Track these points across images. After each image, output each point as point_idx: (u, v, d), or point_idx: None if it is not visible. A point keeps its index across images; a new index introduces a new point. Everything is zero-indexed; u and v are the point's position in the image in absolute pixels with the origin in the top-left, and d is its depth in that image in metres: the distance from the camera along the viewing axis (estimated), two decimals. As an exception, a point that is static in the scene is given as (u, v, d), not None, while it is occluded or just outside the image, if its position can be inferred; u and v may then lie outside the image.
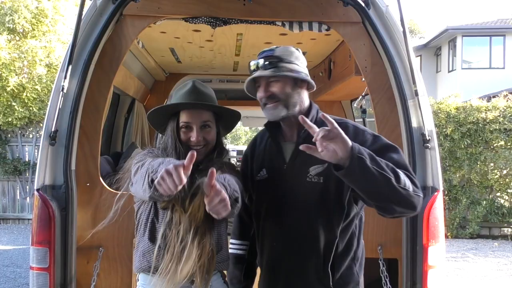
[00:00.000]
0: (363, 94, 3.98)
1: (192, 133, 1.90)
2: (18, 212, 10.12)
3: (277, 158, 1.93)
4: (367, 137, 1.80)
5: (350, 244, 1.85)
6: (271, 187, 1.92)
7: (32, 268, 2.36)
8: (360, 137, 1.79)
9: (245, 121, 8.93)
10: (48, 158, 2.41)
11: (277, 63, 1.85)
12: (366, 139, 1.78)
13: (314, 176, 1.81)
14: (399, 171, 1.62)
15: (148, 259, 1.82)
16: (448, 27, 20.44)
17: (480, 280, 6.13)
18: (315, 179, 1.81)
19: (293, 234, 1.86)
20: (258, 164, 2.00)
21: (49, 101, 2.45)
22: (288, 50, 1.91)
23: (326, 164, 1.76)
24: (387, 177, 1.55)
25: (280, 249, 1.89)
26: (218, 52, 4.16)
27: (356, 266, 1.88)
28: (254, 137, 2.16)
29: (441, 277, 2.43)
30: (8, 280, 5.99)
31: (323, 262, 1.82)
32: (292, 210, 1.86)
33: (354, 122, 1.91)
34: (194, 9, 2.64)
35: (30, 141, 10.07)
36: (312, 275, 1.83)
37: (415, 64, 2.52)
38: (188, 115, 1.92)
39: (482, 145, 8.46)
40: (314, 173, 1.81)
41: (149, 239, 1.83)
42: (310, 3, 2.67)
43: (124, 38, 2.60)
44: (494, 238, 8.77)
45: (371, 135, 1.82)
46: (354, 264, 1.87)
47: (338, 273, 1.82)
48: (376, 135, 1.84)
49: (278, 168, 1.91)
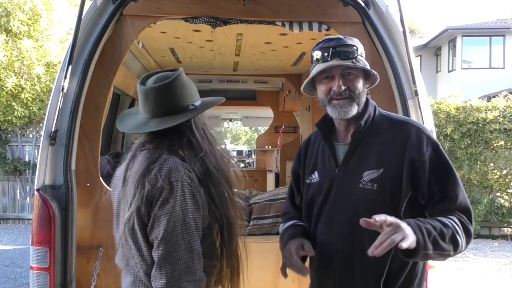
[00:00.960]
0: (363, 94, 3.97)
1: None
2: (18, 212, 10.12)
3: (330, 160, 1.77)
4: (429, 150, 1.64)
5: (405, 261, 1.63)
6: (322, 191, 1.76)
7: (32, 268, 2.36)
8: (423, 147, 1.64)
9: (245, 121, 8.95)
10: (48, 158, 2.41)
11: (354, 52, 1.68)
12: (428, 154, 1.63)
13: (368, 182, 1.65)
14: (459, 230, 1.53)
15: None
16: (448, 27, 20.44)
17: (480, 280, 6.13)
18: (369, 185, 1.65)
19: (342, 244, 1.71)
20: (311, 166, 1.86)
21: (49, 101, 2.45)
22: (358, 41, 1.74)
23: (381, 170, 1.64)
24: (447, 254, 1.52)
25: (329, 260, 1.74)
26: (218, 52, 4.16)
27: (413, 285, 1.69)
28: (309, 136, 1.99)
29: (441, 277, 2.42)
30: (8, 280, 5.99)
31: (375, 276, 1.65)
32: (342, 217, 1.70)
33: (418, 124, 1.75)
34: (194, 9, 2.65)
35: (30, 141, 10.06)
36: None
37: (415, 64, 2.53)
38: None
39: (482, 145, 8.45)
40: (368, 178, 1.66)
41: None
42: (310, 3, 2.67)
43: (124, 38, 2.60)
44: (494, 238, 8.76)
45: (434, 148, 1.66)
46: (411, 282, 1.69)
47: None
48: (439, 149, 1.67)
49: (330, 171, 1.76)
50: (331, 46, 1.68)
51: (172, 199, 1.49)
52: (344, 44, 1.69)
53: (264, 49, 4.02)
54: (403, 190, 1.63)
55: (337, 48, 1.67)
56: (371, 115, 1.74)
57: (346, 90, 1.67)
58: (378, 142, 1.69)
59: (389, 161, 1.65)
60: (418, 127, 1.71)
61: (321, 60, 1.69)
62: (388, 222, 1.39)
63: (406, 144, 1.65)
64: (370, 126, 1.72)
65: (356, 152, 1.71)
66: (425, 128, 1.74)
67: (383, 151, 1.67)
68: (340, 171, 1.73)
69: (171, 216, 1.48)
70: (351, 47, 1.68)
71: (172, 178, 1.50)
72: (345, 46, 1.68)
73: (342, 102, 1.68)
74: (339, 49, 1.67)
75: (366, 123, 1.71)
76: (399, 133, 1.68)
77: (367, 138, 1.71)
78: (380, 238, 1.38)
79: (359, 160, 1.70)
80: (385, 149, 1.68)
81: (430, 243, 1.46)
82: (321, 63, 1.69)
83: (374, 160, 1.67)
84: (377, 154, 1.68)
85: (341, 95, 1.67)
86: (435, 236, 1.47)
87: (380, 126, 1.73)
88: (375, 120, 1.74)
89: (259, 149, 6.99)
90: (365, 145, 1.71)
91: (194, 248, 1.50)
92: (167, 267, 1.47)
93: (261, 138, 6.86)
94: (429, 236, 1.46)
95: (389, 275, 1.65)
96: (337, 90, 1.67)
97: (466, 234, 1.57)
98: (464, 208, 1.61)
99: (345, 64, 1.66)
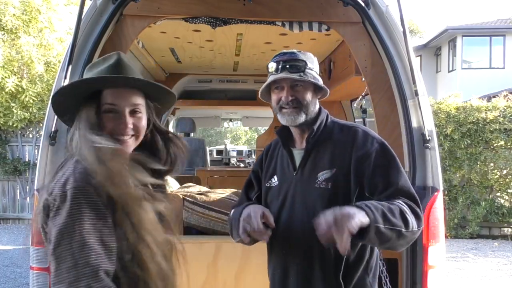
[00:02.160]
0: (363, 94, 3.98)
1: (120, 119, 1.42)
2: (18, 212, 10.12)
3: (288, 165, 1.90)
4: (374, 147, 1.78)
5: (362, 254, 1.80)
6: (281, 194, 1.88)
7: (32, 268, 2.36)
8: (368, 145, 1.78)
9: (245, 121, 8.94)
10: (48, 158, 2.41)
11: (303, 67, 1.82)
12: (372, 150, 1.77)
13: (322, 182, 1.78)
14: (406, 210, 1.62)
15: None
16: (448, 27, 20.44)
17: (480, 280, 6.13)
18: (323, 185, 1.78)
19: (302, 242, 1.81)
20: (270, 171, 1.97)
21: (49, 101, 2.45)
22: (311, 56, 1.89)
23: (334, 170, 1.77)
24: (398, 230, 1.57)
25: (289, 258, 1.84)
26: (218, 52, 4.16)
27: (369, 277, 1.82)
28: (270, 142, 2.12)
29: (441, 277, 2.43)
30: (8, 280, 5.99)
31: (334, 271, 1.76)
32: (301, 217, 1.81)
33: (364, 128, 1.89)
34: (194, 9, 2.65)
35: (30, 141, 10.06)
36: (323, 285, 1.78)
37: (415, 64, 2.52)
38: (115, 96, 1.42)
39: (482, 145, 8.45)
40: (322, 178, 1.79)
41: None
42: (310, 3, 2.67)
43: (124, 38, 2.60)
44: (494, 238, 8.76)
45: (379, 145, 1.80)
46: (367, 274, 1.81)
47: (351, 285, 1.77)
48: (384, 146, 1.81)
49: (288, 175, 1.89)
50: (283, 60, 1.83)
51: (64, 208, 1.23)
52: (295, 58, 1.83)
53: (264, 49, 4.02)
54: (352, 186, 1.76)
55: (288, 63, 1.81)
56: (323, 121, 1.89)
57: (294, 100, 1.82)
58: (330, 145, 1.84)
59: (340, 161, 1.79)
60: (365, 130, 1.86)
61: (274, 72, 1.84)
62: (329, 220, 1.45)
63: (353, 143, 1.80)
64: (323, 131, 1.87)
65: (311, 155, 1.85)
66: (372, 131, 1.87)
67: (334, 152, 1.81)
68: (297, 174, 1.86)
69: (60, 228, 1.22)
70: (301, 62, 1.82)
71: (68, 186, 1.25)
72: (295, 60, 1.83)
73: (290, 111, 1.82)
74: (289, 63, 1.81)
75: (318, 129, 1.86)
76: (348, 135, 1.83)
77: (320, 142, 1.85)
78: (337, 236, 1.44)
79: (314, 162, 1.83)
80: (336, 150, 1.81)
81: (380, 217, 1.53)
82: (274, 74, 1.84)
83: (327, 161, 1.81)
84: (329, 155, 1.81)
85: (289, 104, 1.82)
86: (383, 210, 1.56)
87: (332, 131, 1.89)
88: (327, 126, 1.89)
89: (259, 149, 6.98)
90: (319, 148, 1.85)
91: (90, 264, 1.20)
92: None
93: (261, 138, 6.84)
94: (376, 209, 1.54)
95: (346, 269, 1.76)
96: (285, 100, 1.82)
97: (414, 215, 1.64)
98: (408, 193, 1.71)
99: (291, 77, 1.80)
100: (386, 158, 1.78)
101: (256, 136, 15.96)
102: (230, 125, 14.31)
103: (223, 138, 28.76)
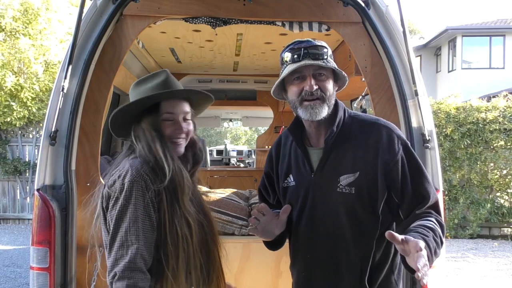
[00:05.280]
0: (363, 94, 3.98)
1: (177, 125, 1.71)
2: (18, 212, 10.12)
3: (304, 165, 1.78)
4: (401, 151, 1.69)
5: (388, 252, 1.72)
6: (300, 195, 1.78)
7: (32, 268, 2.36)
8: (395, 148, 1.68)
9: (245, 121, 8.94)
10: (48, 158, 2.41)
11: (325, 54, 1.69)
12: (399, 156, 1.68)
13: (345, 187, 1.68)
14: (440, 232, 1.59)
15: None
16: (448, 27, 20.44)
17: (479, 280, 6.13)
18: (347, 189, 1.68)
19: (325, 246, 1.74)
20: (284, 169, 1.86)
21: (49, 101, 2.45)
22: (326, 45, 1.75)
23: (357, 173, 1.67)
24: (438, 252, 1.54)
25: (313, 261, 1.77)
26: (218, 52, 4.16)
27: (394, 275, 1.75)
28: (279, 136, 1.99)
29: (441, 277, 2.43)
30: (8, 280, 5.99)
31: (359, 275, 1.70)
32: (323, 221, 1.73)
33: (386, 124, 1.77)
34: (194, 9, 2.65)
35: (30, 141, 10.07)
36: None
37: (415, 64, 2.52)
38: (172, 106, 1.70)
39: (482, 145, 8.45)
40: (345, 183, 1.68)
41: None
42: (310, 3, 2.67)
43: (124, 38, 2.60)
44: (494, 238, 8.77)
45: (404, 147, 1.71)
46: (392, 273, 1.75)
47: (376, 286, 1.71)
48: (409, 148, 1.72)
49: (306, 176, 1.77)
50: (302, 47, 1.69)
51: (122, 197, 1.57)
52: (314, 45, 1.70)
53: (264, 49, 4.02)
54: (379, 191, 1.67)
55: (308, 49, 1.68)
56: (341, 118, 1.75)
57: (318, 90, 1.68)
58: (351, 146, 1.72)
59: (364, 164, 1.68)
60: (388, 127, 1.75)
61: (292, 61, 1.69)
62: (407, 242, 1.40)
63: (378, 145, 1.69)
64: (342, 129, 1.74)
65: (331, 157, 1.73)
66: (394, 128, 1.77)
67: (357, 154, 1.70)
68: (316, 176, 1.75)
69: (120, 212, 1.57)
70: (322, 48, 1.71)
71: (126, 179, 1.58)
72: (315, 47, 1.69)
73: (313, 104, 1.68)
74: (310, 50, 1.68)
75: (337, 127, 1.73)
76: (371, 135, 1.72)
77: (340, 142, 1.73)
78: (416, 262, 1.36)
79: (334, 164, 1.72)
80: (359, 152, 1.70)
81: (434, 256, 1.51)
82: (291, 64, 1.69)
83: (349, 164, 1.70)
84: (352, 157, 1.70)
85: (313, 95, 1.67)
86: (435, 248, 1.53)
87: (351, 128, 1.75)
88: (345, 123, 1.75)
89: (259, 149, 6.98)
90: (339, 149, 1.73)
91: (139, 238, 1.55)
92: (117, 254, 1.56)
93: (261, 138, 6.84)
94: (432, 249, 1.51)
95: (372, 271, 1.70)
96: (309, 90, 1.67)
97: (442, 231, 1.63)
98: (435, 205, 1.68)
99: (316, 63, 1.67)
100: (414, 165, 1.70)
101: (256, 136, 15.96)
102: (230, 125, 14.30)
103: (223, 138, 28.78)
